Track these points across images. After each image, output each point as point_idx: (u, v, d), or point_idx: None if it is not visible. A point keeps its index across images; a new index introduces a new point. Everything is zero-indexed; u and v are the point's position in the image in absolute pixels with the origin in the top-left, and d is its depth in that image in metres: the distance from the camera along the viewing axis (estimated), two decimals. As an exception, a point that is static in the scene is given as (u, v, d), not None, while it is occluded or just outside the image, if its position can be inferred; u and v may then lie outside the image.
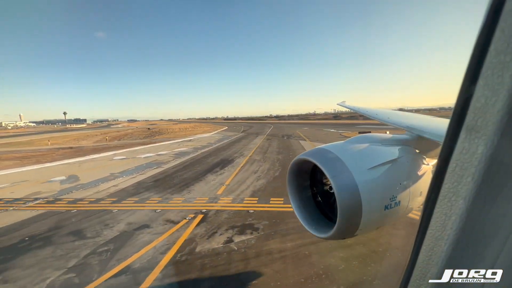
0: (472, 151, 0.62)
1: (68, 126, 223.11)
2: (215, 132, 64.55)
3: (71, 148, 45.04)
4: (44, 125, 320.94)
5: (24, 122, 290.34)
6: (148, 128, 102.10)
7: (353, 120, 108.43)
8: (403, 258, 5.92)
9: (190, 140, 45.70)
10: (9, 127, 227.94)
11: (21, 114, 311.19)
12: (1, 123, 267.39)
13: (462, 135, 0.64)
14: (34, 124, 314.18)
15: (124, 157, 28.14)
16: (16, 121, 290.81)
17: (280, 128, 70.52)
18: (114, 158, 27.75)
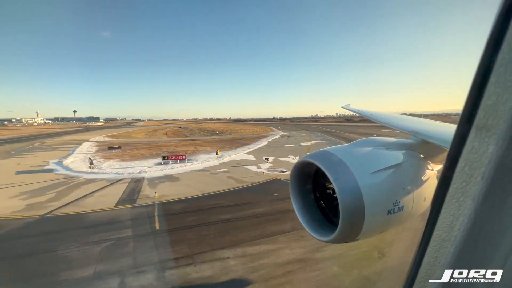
0: (482, 150, 0.60)
1: (88, 124, 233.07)
2: (284, 132, 76.39)
3: (193, 140, 55.98)
4: (59, 122, 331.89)
5: (41, 119, 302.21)
6: (180, 127, 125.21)
7: (366, 123, 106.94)
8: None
9: (286, 136, 59.05)
10: (35, 123, 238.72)
11: (38, 111, 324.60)
12: (21, 119, 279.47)
13: (472, 134, 0.62)
14: (50, 121, 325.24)
15: (293, 145, 39.22)
16: (34, 118, 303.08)
17: (333, 127, 72.89)
18: (283, 145, 39.73)
